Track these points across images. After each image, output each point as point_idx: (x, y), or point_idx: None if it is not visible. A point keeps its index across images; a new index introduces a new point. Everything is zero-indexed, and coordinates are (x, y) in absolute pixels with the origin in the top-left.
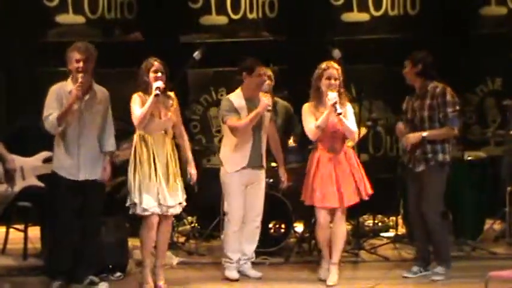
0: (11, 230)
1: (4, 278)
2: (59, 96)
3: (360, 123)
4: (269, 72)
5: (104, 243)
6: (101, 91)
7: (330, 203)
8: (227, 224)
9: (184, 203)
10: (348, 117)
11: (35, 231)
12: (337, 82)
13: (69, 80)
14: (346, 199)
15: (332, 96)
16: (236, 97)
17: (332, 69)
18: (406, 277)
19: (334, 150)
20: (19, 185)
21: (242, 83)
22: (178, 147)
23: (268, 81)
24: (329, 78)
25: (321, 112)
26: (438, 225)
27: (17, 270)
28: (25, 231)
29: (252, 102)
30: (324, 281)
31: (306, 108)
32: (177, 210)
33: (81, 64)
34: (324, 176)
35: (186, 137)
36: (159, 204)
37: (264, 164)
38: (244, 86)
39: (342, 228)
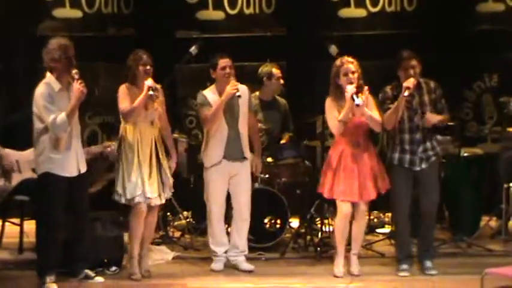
0: (7, 223)
1: (0, 271)
2: (51, 97)
3: None
4: (278, 73)
5: (100, 238)
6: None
7: (351, 197)
8: (209, 216)
9: (168, 195)
10: (371, 108)
11: (30, 225)
12: (355, 75)
13: (50, 77)
14: (367, 194)
15: (349, 88)
16: (209, 92)
17: (347, 64)
18: (403, 276)
19: (357, 145)
20: (15, 179)
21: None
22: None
23: (282, 81)
24: (346, 74)
25: (343, 107)
26: (434, 220)
27: (12, 264)
28: (21, 225)
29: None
30: (339, 277)
31: (328, 103)
32: (159, 201)
33: (72, 60)
34: (347, 171)
35: (169, 129)
36: (143, 194)
37: (247, 155)
38: (216, 82)
39: (364, 220)
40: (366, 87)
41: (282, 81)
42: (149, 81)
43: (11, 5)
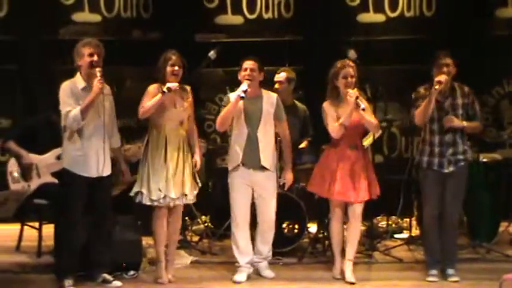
0: (26, 227)
1: (18, 275)
2: (73, 92)
3: None
4: (287, 75)
5: (118, 242)
6: (106, 87)
7: (347, 197)
8: (232, 222)
9: (192, 196)
10: (367, 111)
11: (49, 229)
12: (354, 80)
13: (78, 76)
14: (361, 195)
15: (352, 93)
16: (235, 94)
17: (348, 67)
18: (432, 281)
19: (355, 147)
20: (35, 183)
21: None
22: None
23: (280, 86)
24: (345, 77)
25: (341, 109)
26: (457, 226)
27: (31, 268)
28: (39, 228)
29: (249, 98)
30: (339, 279)
31: (327, 106)
32: (182, 201)
33: (95, 58)
34: (344, 171)
35: (196, 133)
36: (164, 196)
37: (267, 165)
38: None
39: (358, 223)
40: (357, 93)
41: (280, 85)
42: (172, 84)
43: (30, 8)
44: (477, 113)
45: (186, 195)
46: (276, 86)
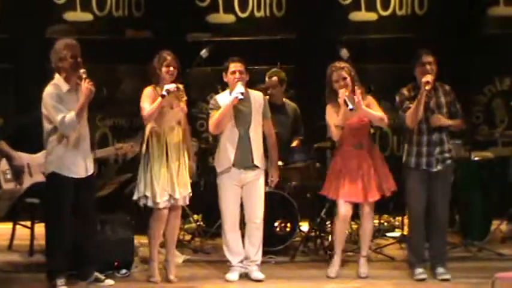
0: (18, 226)
1: (10, 274)
2: (60, 97)
3: None
4: (278, 78)
5: (109, 241)
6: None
7: (355, 197)
8: (222, 224)
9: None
10: (372, 107)
11: (41, 228)
12: (347, 81)
13: (59, 78)
14: (371, 195)
15: (341, 93)
16: (223, 96)
17: (338, 71)
18: (423, 279)
19: (360, 147)
20: (27, 182)
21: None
22: None
23: (270, 89)
24: (337, 80)
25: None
26: (447, 225)
27: (23, 267)
28: (32, 227)
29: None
30: (333, 278)
31: (328, 110)
32: (185, 201)
33: (78, 59)
34: (351, 172)
35: (189, 134)
36: (170, 196)
37: (259, 164)
38: (229, 86)
39: (370, 222)
40: (358, 91)
41: (273, 89)
42: (170, 85)
43: (22, 7)
44: (459, 110)
45: (187, 195)
46: (269, 91)
